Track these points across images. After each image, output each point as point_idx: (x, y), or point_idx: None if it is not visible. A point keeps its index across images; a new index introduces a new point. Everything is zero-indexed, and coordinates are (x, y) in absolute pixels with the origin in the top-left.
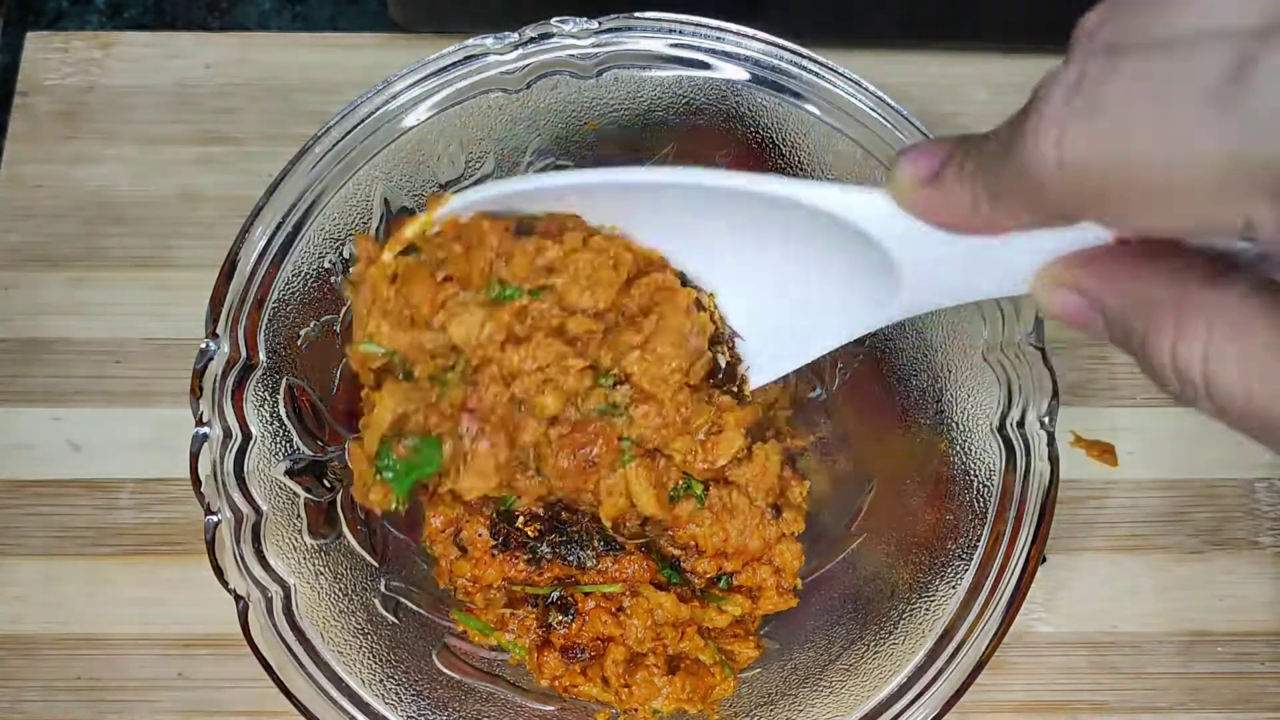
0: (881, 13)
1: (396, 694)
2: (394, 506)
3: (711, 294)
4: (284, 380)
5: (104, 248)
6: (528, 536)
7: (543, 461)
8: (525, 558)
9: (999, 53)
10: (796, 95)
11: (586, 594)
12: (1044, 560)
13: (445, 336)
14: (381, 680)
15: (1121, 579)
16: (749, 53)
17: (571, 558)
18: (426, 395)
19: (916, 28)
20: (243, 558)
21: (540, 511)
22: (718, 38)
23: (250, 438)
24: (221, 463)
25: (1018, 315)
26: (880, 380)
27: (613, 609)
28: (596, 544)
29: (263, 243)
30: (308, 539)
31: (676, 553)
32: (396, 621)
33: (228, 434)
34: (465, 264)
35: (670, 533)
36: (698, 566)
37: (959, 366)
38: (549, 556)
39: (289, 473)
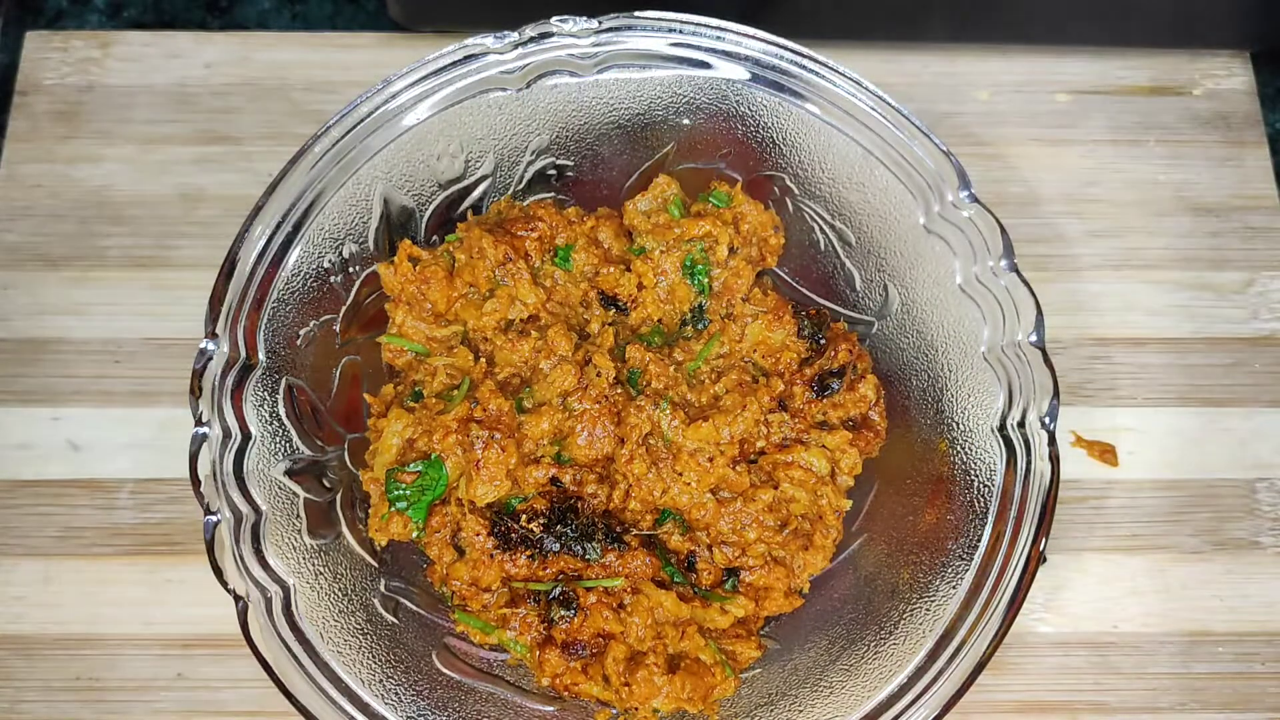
0: (882, 12)
1: (396, 694)
2: (415, 536)
3: None
4: (283, 380)
5: (103, 247)
6: (532, 532)
7: (566, 443)
8: (529, 553)
9: (999, 53)
10: (796, 95)
11: (588, 589)
12: (1044, 560)
13: (458, 328)
14: (381, 680)
15: (1121, 579)
16: (749, 52)
17: (578, 549)
18: (431, 418)
19: (916, 28)
20: (242, 558)
21: (543, 508)
22: (718, 37)
23: (250, 438)
24: (221, 463)
25: (1018, 315)
26: (880, 380)
27: (614, 605)
28: (601, 537)
29: (262, 242)
30: (307, 539)
31: (698, 545)
32: (396, 621)
33: (227, 434)
34: (471, 270)
35: (716, 540)
36: (716, 557)
37: (959, 366)
38: (555, 549)
39: (288, 473)
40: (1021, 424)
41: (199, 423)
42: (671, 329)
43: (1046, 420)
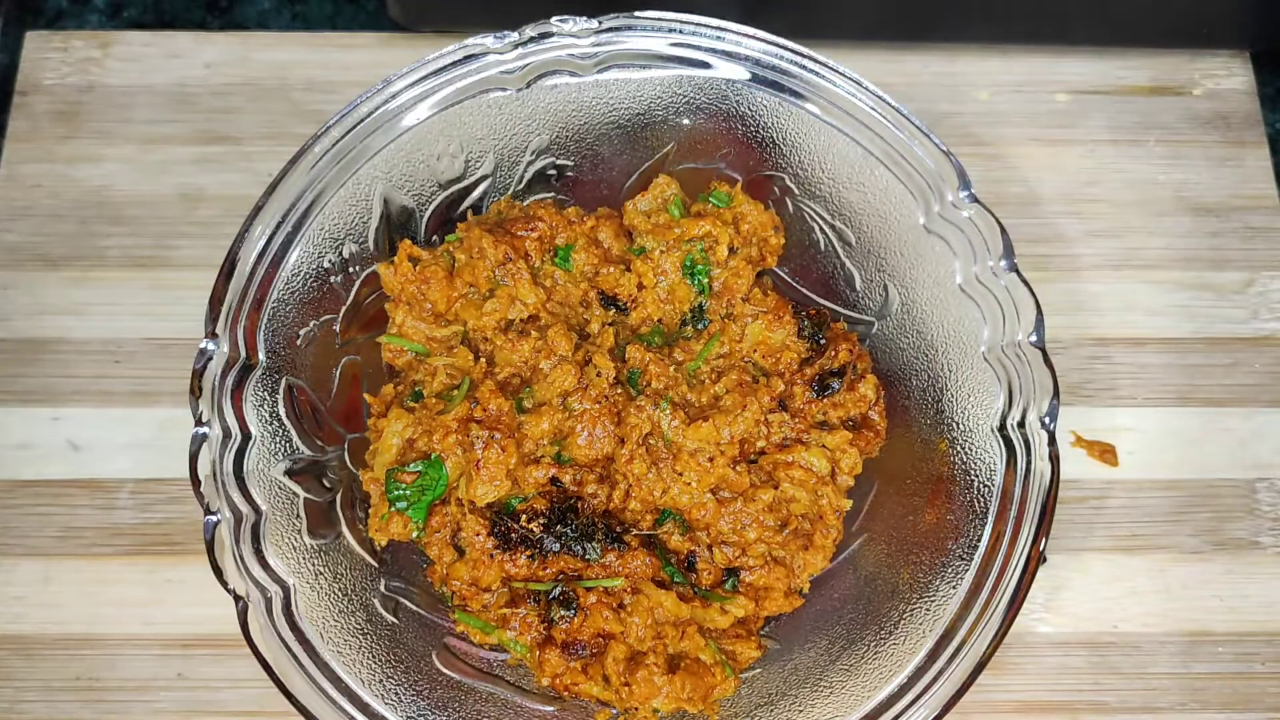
0: (882, 12)
1: (396, 694)
2: (415, 536)
3: None
4: (283, 380)
5: (103, 247)
6: (532, 532)
7: (566, 443)
8: (529, 553)
9: (999, 53)
10: (796, 95)
11: (588, 589)
12: (1044, 560)
13: (458, 328)
14: (381, 680)
15: (1121, 579)
16: (749, 52)
17: (578, 549)
18: (431, 418)
19: (916, 28)
20: (242, 558)
21: (543, 508)
22: (718, 37)
23: (250, 438)
24: (221, 463)
25: (1018, 315)
26: (880, 380)
27: (614, 605)
28: (601, 537)
29: (262, 242)
30: (307, 539)
31: (698, 545)
32: (396, 621)
33: (227, 434)
34: (471, 270)
35: (715, 539)
36: (716, 557)
37: (959, 366)
38: (555, 549)
39: (288, 473)
40: (1021, 424)
41: (199, 423)
42: (671, 329)
43: (1046, 420)
